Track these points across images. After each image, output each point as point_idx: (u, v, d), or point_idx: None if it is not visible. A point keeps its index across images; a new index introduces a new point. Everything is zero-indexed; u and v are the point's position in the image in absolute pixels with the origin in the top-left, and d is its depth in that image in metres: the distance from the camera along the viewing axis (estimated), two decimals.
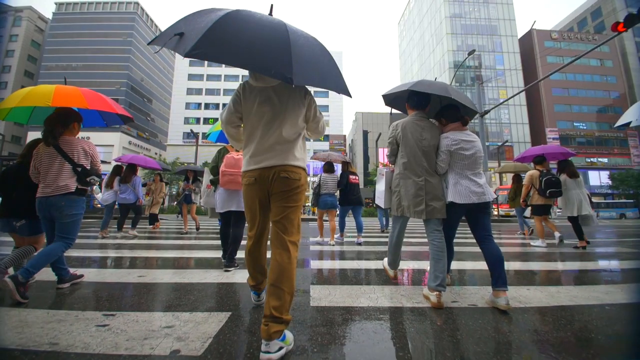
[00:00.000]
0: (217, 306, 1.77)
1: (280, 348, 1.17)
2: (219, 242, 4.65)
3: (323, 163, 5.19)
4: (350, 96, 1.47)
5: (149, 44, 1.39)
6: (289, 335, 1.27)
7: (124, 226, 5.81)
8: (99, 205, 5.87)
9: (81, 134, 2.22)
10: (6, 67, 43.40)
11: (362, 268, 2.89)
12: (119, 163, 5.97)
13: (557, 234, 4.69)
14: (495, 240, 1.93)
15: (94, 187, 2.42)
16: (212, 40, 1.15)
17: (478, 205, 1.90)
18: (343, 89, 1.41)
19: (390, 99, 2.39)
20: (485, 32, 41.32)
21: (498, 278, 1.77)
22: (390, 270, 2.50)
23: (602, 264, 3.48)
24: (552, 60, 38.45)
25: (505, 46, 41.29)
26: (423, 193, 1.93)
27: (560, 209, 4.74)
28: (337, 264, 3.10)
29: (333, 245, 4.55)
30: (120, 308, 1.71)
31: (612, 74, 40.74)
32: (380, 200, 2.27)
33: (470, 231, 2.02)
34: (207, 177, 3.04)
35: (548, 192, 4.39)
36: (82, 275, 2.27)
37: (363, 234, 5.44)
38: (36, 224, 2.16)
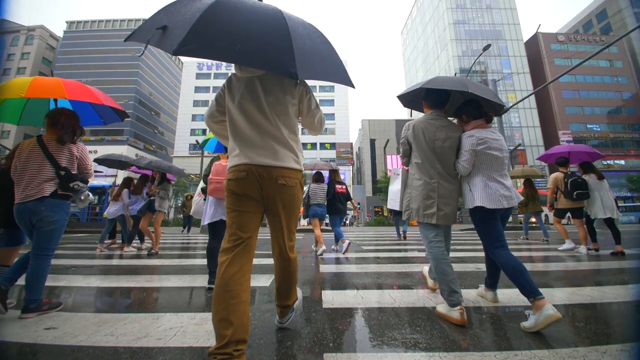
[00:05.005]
0: None
1: (289, 317, 1.51)
2: (199, 262, 3.75)
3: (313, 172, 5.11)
4: (354, 87, 1.36)
5: (125, 40, 1.19)
6: (296, 302, 1.54)
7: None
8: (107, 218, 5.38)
9: (87, 148, 2.03)
10: None
11: (400, 306, 1.88)
12: (130, 174, 5.55)
13: (567, 243, 4.59)
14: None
15: (83, 195, 1.98)
16: (203, 34, 1.01)
17: (505, 210, 1.74)
18: (346, 80, 1.31)
19: (408, 99, 2.22)
20: (490, 37, 40.95)
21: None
22: (452, 312, 1.56)
23: None
24: (560, 62, 38.10)
25: (511, 50, 40.99)
26: (435, 196, 1.79)
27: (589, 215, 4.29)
28: (360, 299, 2.09)
29: (315, 251, 4.46)
30: None
31: (622, 75, 40.30)
32: (395, 203, 2.04)
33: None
34: (200, 186, 2.92)
35: (575, 193, 4.13)
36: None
37: (378, 247, 5.29)
38: (14, 234, 2.00)
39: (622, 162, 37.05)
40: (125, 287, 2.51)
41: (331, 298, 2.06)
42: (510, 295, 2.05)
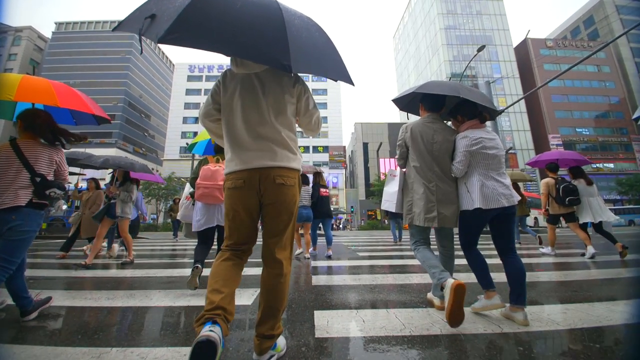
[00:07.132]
0: None
1: (272, 356, 1.19)
2: (177, 274, 3.25)
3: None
4: (353, 84, 1.31)
5: (114, 30, 1.15)
6: (280, 341, 1.26)
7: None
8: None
9: (75, 151, 1.58)
10: None
11: (412, 333, 1.52)
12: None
13: (549, 249, 4.67)
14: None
15: (60, 203, 1.97)
16: (192, 22, 0.96)
17: (505, 209, 1.67)
18: (345, 77, 1.25)
19: (404, 103, 2.22)
20: (480, 42, 41.56)
21: (519, 295, 1.60)
22: (447, 289, 1.49)
23: None
24: (549, 67, 38.97)
25: (501, 55, 41.76)
26: (434, 199, 1.77)
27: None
28: (361, 322, 1.73)
29: (308, 258, 4.43)
30: None
31: (610, 80, 41.41)
32: (390, 204, 2.00)
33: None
34: (187, 189, 2.83)
35: (567, 199, 4.14)
36: (49, 299, 1.95)
37: (374, 253, 5.21)
38: None
39: (611, 165, 37.80)
40: (79, 306, 2.09)
41: (325, 322, 1.68)
42: (540, 314, 1.73)
